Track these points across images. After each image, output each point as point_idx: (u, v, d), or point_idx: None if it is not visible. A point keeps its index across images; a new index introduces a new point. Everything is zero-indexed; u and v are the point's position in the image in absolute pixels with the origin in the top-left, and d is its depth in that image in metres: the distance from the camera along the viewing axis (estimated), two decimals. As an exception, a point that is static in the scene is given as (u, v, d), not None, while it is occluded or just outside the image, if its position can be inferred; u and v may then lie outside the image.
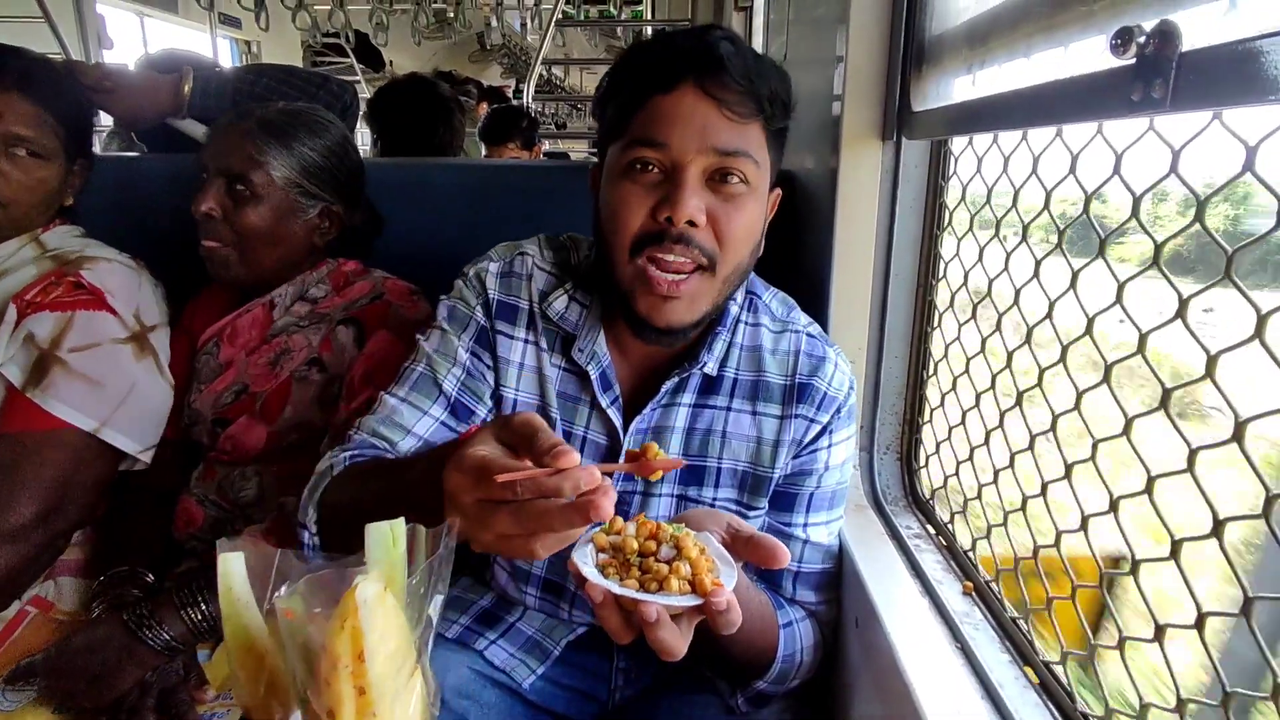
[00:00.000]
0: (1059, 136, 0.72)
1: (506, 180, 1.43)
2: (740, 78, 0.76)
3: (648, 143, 0.77)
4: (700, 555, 0.60)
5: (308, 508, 0.80)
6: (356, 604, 0.48)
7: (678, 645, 0.58)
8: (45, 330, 1.01)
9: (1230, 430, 0.50)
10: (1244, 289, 0.50)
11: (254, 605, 0.55)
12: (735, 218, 0.78)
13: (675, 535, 0.60)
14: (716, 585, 0.57)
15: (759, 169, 0.79)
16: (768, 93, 0.78)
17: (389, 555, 0.52)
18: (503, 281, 0.90)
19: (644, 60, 0.81)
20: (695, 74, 0.76)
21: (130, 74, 1.34)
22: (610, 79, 0.84)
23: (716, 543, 0.64)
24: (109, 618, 0.94)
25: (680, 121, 0.76)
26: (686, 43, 0.78)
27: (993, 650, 0.80)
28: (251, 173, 1.09)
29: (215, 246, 1.11)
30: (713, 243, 0.78)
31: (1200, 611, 0.53)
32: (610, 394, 0.87)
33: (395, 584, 0.52)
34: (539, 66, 3.06)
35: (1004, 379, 0.86)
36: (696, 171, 0.77)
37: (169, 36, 4.49)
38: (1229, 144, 0.50)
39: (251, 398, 1.13)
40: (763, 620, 0.83)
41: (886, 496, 1.12)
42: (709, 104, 0.76)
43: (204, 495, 1.15)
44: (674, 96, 0.77)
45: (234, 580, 0.56)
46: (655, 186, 0.78)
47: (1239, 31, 0.45)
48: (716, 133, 0.76)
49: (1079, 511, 0.70)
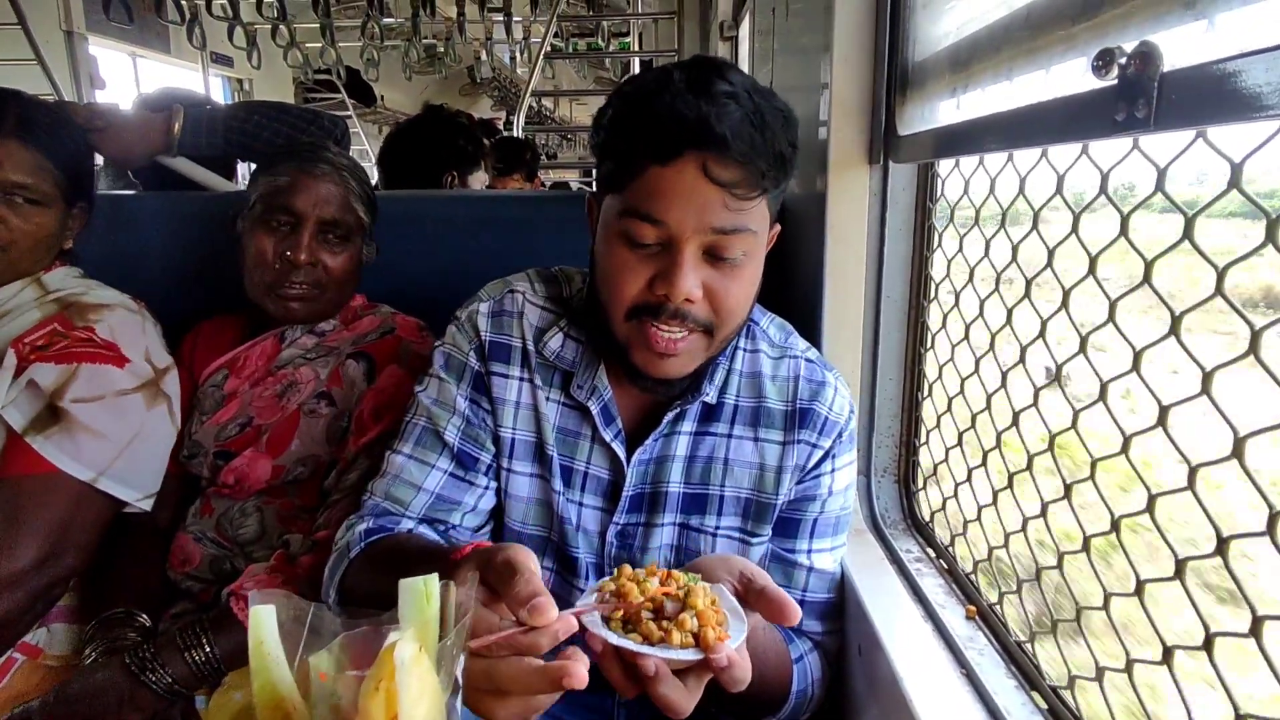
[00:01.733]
0: (1044, 157, 0.73)
1: (507, 211, 1.44)
2: (745, 154, 0.70)
3: (644, 217, 0.73)
4: (709, 607, 0.57)
5: (329, 590, 0.82)
6: (394, 665, 0.47)
7: (682, 702, 0.56)
8: (49, 379, 1.00)
9: (1230, 447, 0.50)
10: (1236, 305, 0.50)
11: (284, 662, 0.53)
12: (733, 290, 0.76)
13: (686, 585, 0.58)
14: (720, 640, 0.55)
15: (759, 236, 0.76)
16: (774, 161, 0.73)
17: (422, 614, 0.51)
18: (494, 321, 0.90)
19: (643, 124, 0.74)
20: (696, 149, 0.71)
21: (120, 113, 1.35)
22: (609, 126, 0.78)
23: (729, 594, 0.62)
24: (107, 662, 0.92)
25: (679, 200, 0.72)
26: (689, 111, 0.70)
27: (998, 675, 0.78)
28: (345, 218, 1.14)
29: (303, 292, 1.13)
30: (709, 314, 0.77)
31: (1208, 632, 0.53)
32: (613, 428, 0.86)
33: (428, 643, 0.50)
34: (529, 98, 3.10)
35: (999, 399, 0.86)
36: (694, 249, 0.74)
37: (162, 76, 4.53)
38: (1214, 161, 0.50)
39: (257, 430, 1.12)
40: (779, 659, 0.81)
41: (885, 520, 1.11)
42: (709, 185, 0.71)
43: (201, 532, 1.13)
44: (673, 171, 0.72)
45: (265, 634, 0.53)
46: (652, 258, 0.75)
47: (1218, 52, 0.45)
48: (716, 213, 0.72)
49: (1080, 531, 0.69)
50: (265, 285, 1.12)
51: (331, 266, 1.14)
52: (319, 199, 1.12)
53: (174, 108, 1.36)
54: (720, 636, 0.55)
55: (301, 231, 1.11)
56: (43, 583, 0.97)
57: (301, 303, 1.13)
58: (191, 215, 1.40)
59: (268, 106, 1.41)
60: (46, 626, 1.05)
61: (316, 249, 1.12)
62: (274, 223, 1.12)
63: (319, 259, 1.13)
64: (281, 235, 1.11)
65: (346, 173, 1.15)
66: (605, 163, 0.79)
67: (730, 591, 0.62)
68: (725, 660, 0.54)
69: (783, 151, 0.74)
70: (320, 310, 1.17)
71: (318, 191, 1.12)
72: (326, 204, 1.12)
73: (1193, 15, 0.47)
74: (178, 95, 1.58)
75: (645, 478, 0.87)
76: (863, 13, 1.02)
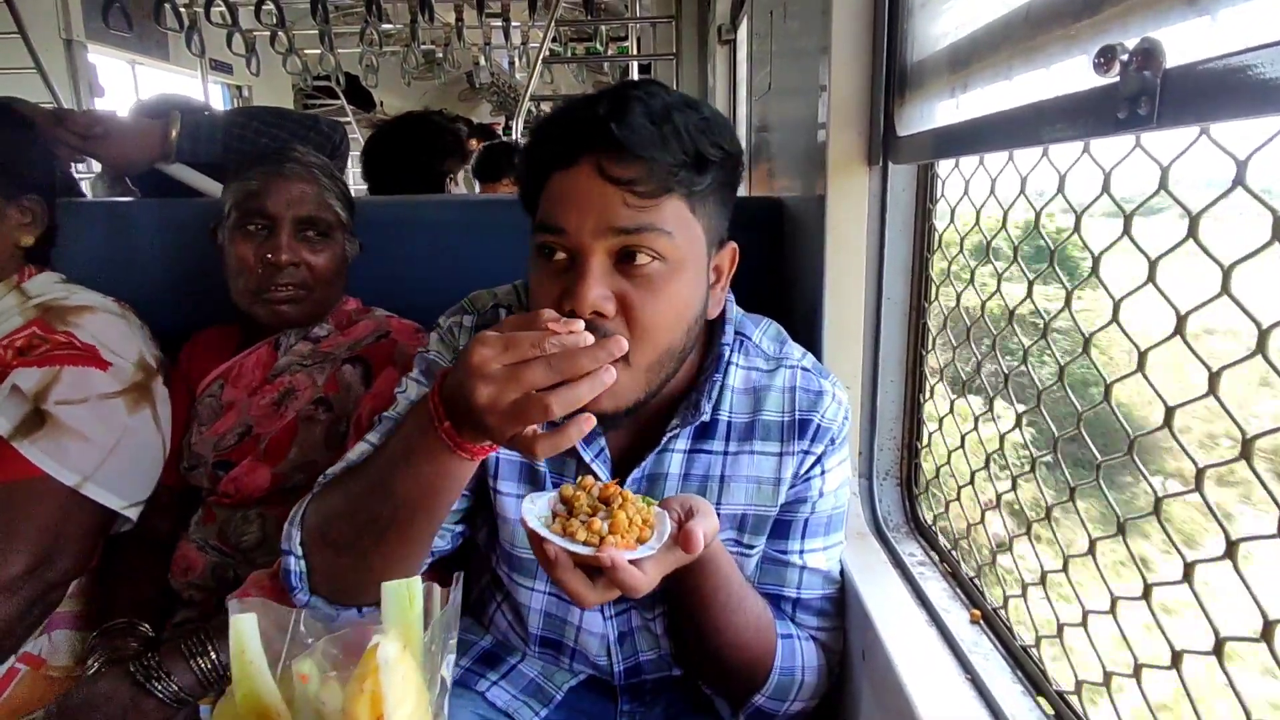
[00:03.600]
0: (1045, 157, 0.72)
1: (496, 216, 1.43)
2: (644, 149, 0.68)
3: (548, 227, 0.72)
4: (633, 521, 0.65)
5: (290, 530, 0.78)
6: (377, 665, 0.47)
7: (583, 591, 0.63)
8: (32, 383, 0.99)
9: (1238, 449, 0.49)
10: (1241, 303, 0.49)
11: (266, 669, 0.54)
12: (650, 302, 0.71)
13: (625, 502, 0.66)
14: (619, 546, 0.62)
15: (676, 241, 0.71)
16: (687, 159, 0.70)
17: (405, 615, 0.52)
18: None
19: (546, 135, 0.74)
20: (591, 151, 0.69)
21: (117, 120, 1.35)
22: (524, 150, 0.78)
23: (669, 520, 0.67)
24: (110, 671, 0.91)
25: (577, 204, 0.70)
26: (585, 114, 0.70)
27: (1004, 681, 0.77)
28: (322, 215, 1.13)
29: (291, 294, 1.12)
30: (624, 332, 0.71)
31: (1218, 636, 0.52)
32: (594, 447, 0.84)
33: (412, 643, 0.52)
34: (527, 103, 3.10)
35: (1001, 401, 0.85)
36: (600, 257, 0.70)
37: (161, 84, 4.54)
38: (1219, 159, 0.50)
39: (255, 439, 1.11)
40: (758, 619, 0.82)
41: (888, 523, 1.10)
42: (606, 185, 0.69)
43: (204, 541, 1.13)
44: (571, 175, 0.70)
45: (247, 642, 0.54)
46: (562, 273, 0.72)
47: (1221, 47, 0.45)
48: (616, 214, 0.69)
49: (1086, 535, 0.69)
50: (251, 291, 1.11)
51: (315, 265, 1.13)
52: (291, 198, 1.11)
53: (171, 114, 1.35)
54: (620, 544, 0.62)
55: (279, 232, 1.10)
56: (38, 588, 0.96)
57: (290, 304, 1.12)
58: (189, 222, 1.39)
59: (266, 113, 1.41)
60: (49, 635, 1.05)
61: (297, 248, 1.11)
62: (250, 227, 1.11)
63: (301, 258, 1.12)
64: (260, 239, 1.11)
65: (317, 170, 1.15)
66: (523, 185, 0.78)
67: (673, 520, 0.68)
68: (608, 561, 0.61)
69: (701, 151, 0.71)
70: (310, 311, 1.16)
71: (289, 191, 1.11)
72: (300, 202, 1.12)
73: (1195, 11, 0.47)
74: (175, 101, 1.58)
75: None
76: (860, 14, 1.02)
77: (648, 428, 0.85)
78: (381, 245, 1.31)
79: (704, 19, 3.12)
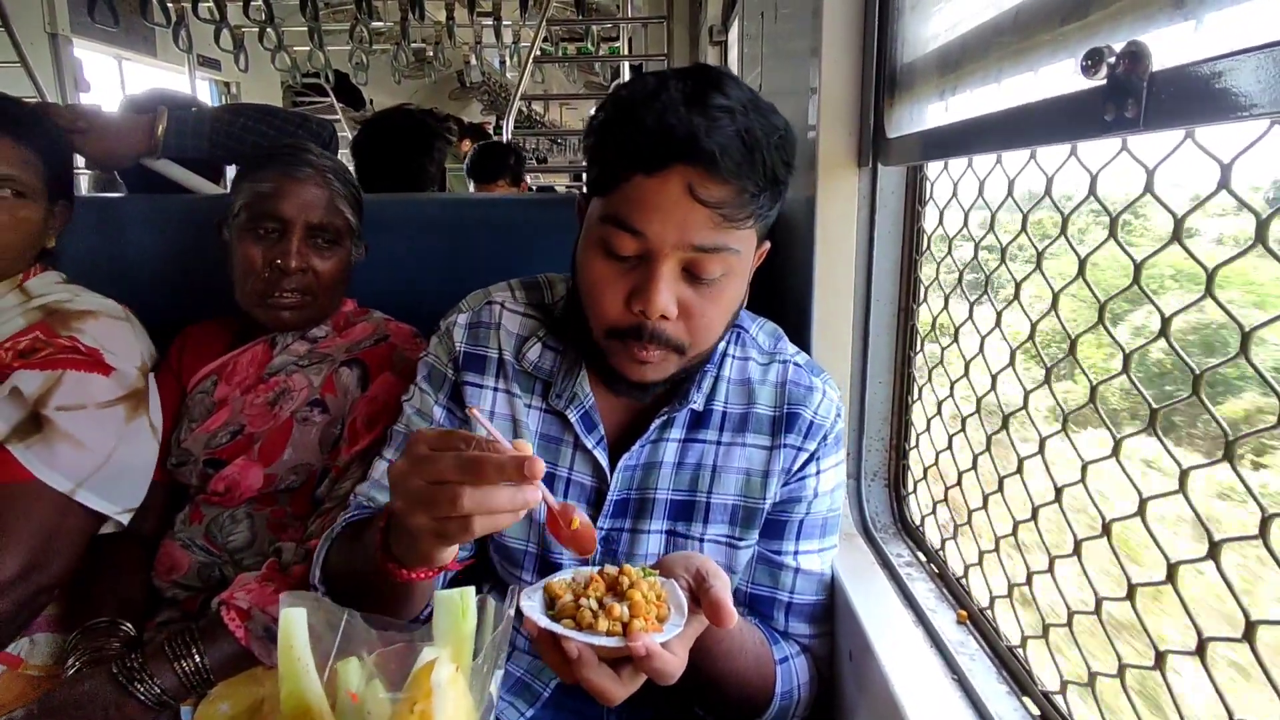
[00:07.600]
0: (1033, 159, 0.73)
1: (493, 215, 1.43)
2: (734, 173, 0.68)
3: (625, 227, 0.71)
4: (649, 599, 0.58)
5: (315, 570, 0.83)
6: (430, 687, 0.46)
7: (611, 688, 0.57)
8: (33, 387, 0.98)
9: (1221, 449, 0.50)
10: (1225, 306, 0.50)
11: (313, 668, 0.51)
12: (709, 310, 0.74)
13: (634, 578, 0.59)
14: (647, 631, 0.55)
15: (742, 255, 0.74)
16: (766, 182, 0.70)
17: (458, 629, 0.50)
18: (470, 332, 0.90)
19: (632, 131, 0.71)
20: (683, 163, 0.68)
21: (103, 115, 1.33)
22: (599, 130, 0.76)
23: (680, 590, 0.62)
24: (92, 672, 0.90)
25: (661, 213, 0.70)
26: (678, 123, 0.68)
27: (990, 681, 0.78)
28: (333, 221, 1.12)
29: (295, 300, 1.11)
30: (682, 334, 0.75)
31: (1201, 637, 0.52)
32: (594, 434, 0.86)
33: (463, 660, 0.50)
34: (518, 102, 3.09)
35: (988, 401, 0.86)
36: (673, 264, 0.72)
37: (148, 79, 4.50)
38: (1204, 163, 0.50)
39: (248, 438, 1.10)
40: (758, 659, 0.81)
41: (876, 524, 1.10)
42: (694, 203, 0.69)
43: (190, 539, 1.11)
44: (657, 182, 0.69)
45: (295, 639, 0.52)
46: (629, 271, 0.73)
47: (1207, 51, 0.45)
48: (699, 232, 0.70)
49: (1071, 535, 0.69)
50: (256, 294, 1.10)
51: (322, 271, 1.12)
52: (305, 203, 1.10)
53: (159, 110, 1.34)
54: (648, 628, 0.56)
55: (290, 238, 1.09)
56: (29, 591, 0.95)
57: (292, 311, 1.12)
58: (178, 218, 1.38)
59: (254, 109, 1.39)
60: (29, 636, 1.03)
61: (307, 254, 1.10)
62: (260, 230, 1.10)
63: (309, 264, 1.11)
64: (270, 243, 1.10)
65: (331, 174, 1.14)
66: (593, 166, 0.78)
67: (683, 588, 0.63)
68: (643, 650, 0.55)
69: (777, 173, 0.71)
70: (311, 317, 1.15)
71: (303, 196, 1.10)
72: (313, 208, 1.10)
73: (1181, 15, 0.47)
74: (166, 96, 1.56)
75: (631, 483, 0.86)
76: (851, 16, 1.02)
77: (642, 414, 0.86)
78: (379, 243, 1.30)
79: (695, 20, 3.12)
